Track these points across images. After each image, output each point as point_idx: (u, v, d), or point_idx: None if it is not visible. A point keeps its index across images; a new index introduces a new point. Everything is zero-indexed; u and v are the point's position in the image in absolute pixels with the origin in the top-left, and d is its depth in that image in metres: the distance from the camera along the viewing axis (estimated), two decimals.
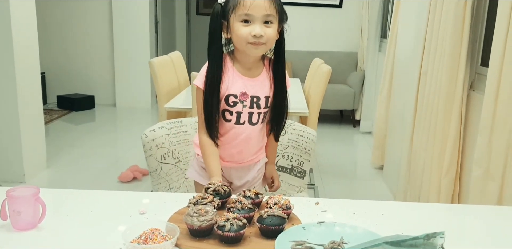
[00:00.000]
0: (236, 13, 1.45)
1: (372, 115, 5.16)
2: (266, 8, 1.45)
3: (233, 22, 1.47)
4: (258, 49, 1.49)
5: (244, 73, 1.57)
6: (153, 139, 1.91)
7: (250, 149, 1.67)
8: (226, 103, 1.56)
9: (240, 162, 1.69)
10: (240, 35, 1.46)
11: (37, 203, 1.21)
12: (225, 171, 1.70)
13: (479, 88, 2.58)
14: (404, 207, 1.53)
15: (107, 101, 6.50)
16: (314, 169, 4.11)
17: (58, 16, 6.23)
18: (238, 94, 1.55)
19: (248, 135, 1.62)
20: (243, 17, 1.45)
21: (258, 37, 1.45)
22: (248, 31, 1.45)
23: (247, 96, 1.56)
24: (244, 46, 1.49)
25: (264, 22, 1.46)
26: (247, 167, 1.72)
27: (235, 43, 1.52)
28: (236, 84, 1.55)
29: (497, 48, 2.01)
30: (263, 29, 1.45)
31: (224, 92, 1.54)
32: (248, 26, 1.45)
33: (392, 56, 3.99)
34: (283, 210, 1.25)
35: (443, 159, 2.65)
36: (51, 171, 3.87)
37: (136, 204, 1.38)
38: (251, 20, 1.45)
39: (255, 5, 1.43)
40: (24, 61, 3.51)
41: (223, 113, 1.58)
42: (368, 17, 5.49)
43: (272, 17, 1.47)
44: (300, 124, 2.08)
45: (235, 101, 1.55)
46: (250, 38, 1.45)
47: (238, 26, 1.46)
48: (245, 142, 1.64)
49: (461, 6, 2.48)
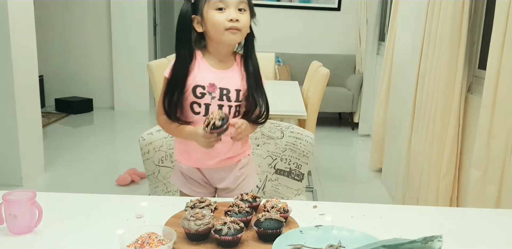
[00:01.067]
0: (209, 2, 1.48)
1: (370, 118, 5.16)
2: None
3: (207, 12, 1.49)
4: (235, 35, 1.50)
5: (214, 65, 1.57)
6: (151, 142, 1.91)
7: (226, 146, 1.61)
8: (194, 94, 1.53)
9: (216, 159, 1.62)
10: (217, 21, 1.48)
11: (33, 207, 1.20)
12: (205, 173, 1.67)
13: (477, 91, 2.59)
14: (402, 210, 1.53)
15: (105, 104, 6.50)
16: (313, 171, 4.11)
17: (56, 19, 6.23)
18: (206, 85, 1.53)
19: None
20: (218, 4, 1.47)
21: (235, 21, 1.47)
22: (224, 17, 1.47)
23: (216, 88, 1.54)
24: (221, 33, 1.49)
25: (238, 10, 1.49)
26: (227, 167, 1.67)
27: (211, 33, 1.51)
28: (204, 76, 1.54)
29: (494, 51, 2.01)
30: (238, 15, 1.48)
31: (190, 83, 1.53)
32: (223, 12, 1.48)
33: (390, 59, 3.99)
34: (280, 213, 1.25)
35: (441, 161, 2.65)
36: (49, 174, 3.86)
37: (133, 208, 1.37)
38: (226, 7, 1.48)
39: None
40: (22, 64, 3.50)
41: (191, 106, 1.55)
42: (366, 20, 5.50)
43: (245, 5, 1.51)
44: (298, 127, 2.08)
45: (203, 92, 1.53)
46: (227, 23, 1.47)
47: (213, 14, 1.48)
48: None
49: (459, 9, 2.49)
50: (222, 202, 1.37)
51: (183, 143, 1.64)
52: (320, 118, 4.03)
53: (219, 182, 1.70)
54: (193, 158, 1.64)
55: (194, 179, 1.69)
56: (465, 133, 2.64)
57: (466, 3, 2.47)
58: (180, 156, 1.69)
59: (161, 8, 7.14)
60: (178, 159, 1.69)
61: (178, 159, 1.69)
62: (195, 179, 1.69)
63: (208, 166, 1.65)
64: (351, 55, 6.12)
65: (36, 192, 1.22)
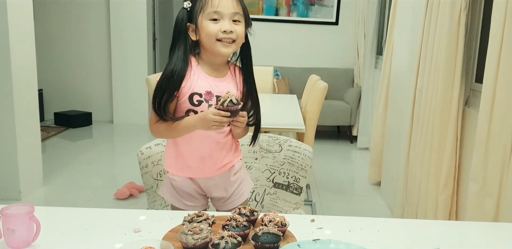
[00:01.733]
0: (204, 12, 1.48)
1: (369, 131, 5.17)
2: (234, 6, 1.49)
3: (201, 21, 1.50)
4: (228, 48, 1.51)
5: (209, 74, 1.57)
6: (149, 156, 1.92)
7: (220, 152, 1.62)
8: (191, 102, 1.53)
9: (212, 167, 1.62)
10: (210, 31, 1.48)
11: (31, 221, 1.20)
12: (200, 182, 1.66)
13: (474, 104, 2.60)
14: (400, 223, 1.53)
15: (104, 118, 6.51)
16: (312, 185, 4.10)
17: (56, 34, 6.27)
18: (203, 93, 1.54)
19: (216, 136, 1.59)
20: (212, 15, 1.48)
21: (228, 32, 1.48)
22: (218, 28, 1.48)
23: (212, 96, 1.54)
24: (213, 43, 1.50)
25: (233, 21, 1.50)
26: (222, 175, 1.67)
27: (204, 43, 1.52)
28: (200, 83, 1.54)
29: (491, 65, 2.03)
30: (232, 26, 1.49)
31: (187, 91, 1.53)
32: (217, 23, 1.49)
33: (387, 72, 4.01)
34: (278, 227, 1.25)
35: (439, 175, 2.65)
36: (48, 188, 3.85)
37: (130, 222, 1.37)
38: (220, 18, 1.48)
39: (223, 3, 1.48)
40: (21, 79, 3.52)
41: (187, 114, 1.54)
42: (364, 34, 5.54)
43: (239, 16, 1.51)
44: (296, 141, 2.08)
45: (200, 100, 1.53)
46: (220, 34, 1.48)
47: (207, 24, 1.49)
48: (215, 144, 1.60)
49: (455, 23, 2.51)
50: (220, 216, 1.37)
51: (176, 153, 1.62)
52: (319, 132, 4.04)
53: (214, 191, 1.68)
54: (188, 168, 1.63)
55: (187, 191, 1.67)
56: (463, 146, 2.65)
57: (462, 17, 2.50)
58: (172, 168, 1.66)
59: (160, 23, 7.18)
60: (170, 171, 1.67)
61: (171, 171, 1.67)
62: (187, 191, 1.67)
63: (204, 175, 1.64)
64: (349, 69, 6.15)
65: (34, 206, 1.22)
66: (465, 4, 2.48)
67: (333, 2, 6.14)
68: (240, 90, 1.60)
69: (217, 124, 1.44)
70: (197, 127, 1.50)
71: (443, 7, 2.58)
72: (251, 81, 1.62)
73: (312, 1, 6.17)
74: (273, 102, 4.13)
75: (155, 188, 1.93)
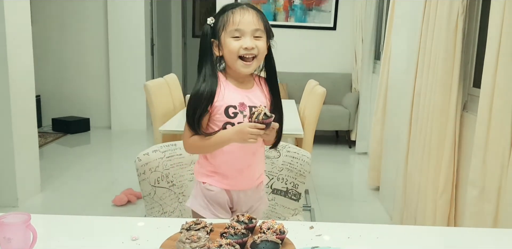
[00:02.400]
0: (226, 29, 1.52)
1: (367, 136, 5.16)
2: (255, 23, 1.53)
3: (224, 38, 1.54)
4: (248, 68, 1.56)
5: (238, 86, 1.61)
6: (147, 163, 1.91)
7: (258, 161, 1.67)
8: (227, 115, 1.57)
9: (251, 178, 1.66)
10: (232, 48, 1.52)
11: (28, 230, 1.19)
12: (235, 195, 1.67)
13: (472, 109, 2.60)
14: (399, 230, 1.52)
15: (102, 124, 6.50)
16: (310, 190, 4.09)
17: (53, 40, 6.27)
18: (237, 105, 1.58)
19: (254, 146, 1.61)
20: (234, 33, 1.52)
21: (250, 49, 1.52)
22: (240, 45, 1.52)
23: (245, 107, 1.58)
24: (234, 61, 1.54)
25: (254, 37, 1.53)
26: (254, 188, 1.70)
27: (227, 60, 1.57)
28: (233, 96, 1.58)
29: (488, 69, 2.03)
30: (254, 42, 1.53)
31: (221, 104, 1.56)
32: (239, 40, 1.52)
33: (385, 77, 4.02)
34: (276, 235, 1.24)
35: (438, 180, 2.65)
36: (45, 195, 3.84)
37: (128, 230, 1.36)
38: (242, 35, 1.52)
39: (244, 20, 1.51)
40: (19, 85, 3.51)
41: (224, 128, 1.57)
42: (362, 39, 5.54)
43: (261, 32, 1.55)
44: (295, 146, 2.08)
45: (235, 112, 1.57)
46: (242, 51, 1.52)
47: (230, 41, 1.53)
48: (252, 154, 1.64)
49: (453, 28, 2.51)
50: (218, 224, 1.36)
51: (214, 166, 1.64)
52: (317, 137, 4.03)
53: (244, 204, 1.70)
54: (226, 180, 1.64)
55: (220, 202, 1.66)
56: (461, 151, 2.64)
57: (460, 22, 2.50)
58: (209, 179, 1.66)
59: (158, 28, 7.19)
60: (207, 182, 1.66)
61: (208, 181, 1.66)
62: (220, 203, 1.66)
63: (241, 186, 1.66)
64: (347, 73, 6.15)
65: (30, 215, 1.21)
66: (462, 9, 2.49)
67: (331, 7, 6.15)
68: (268, 99, 1.65)
69: (254, 137, 1.48)
70: (232, 140, 1.53)
71: (440, 12, 2.59)
72: (277, 91, 1.67)
73: (310, 7, 6.18)
74: None
75: (153, 195, 1.92)
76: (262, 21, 1.55)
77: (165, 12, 7.72)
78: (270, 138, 1.61)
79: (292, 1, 6.17)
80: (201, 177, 1.68)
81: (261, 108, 1.47)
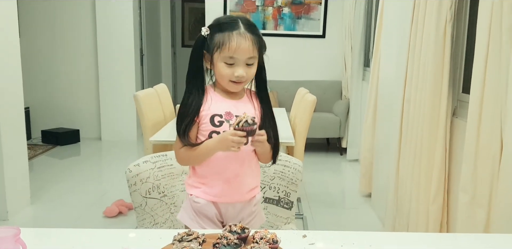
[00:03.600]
0: (221, 53, 1.50)
1: (358, 143, 5.17)
2: (250, 51, 1.51)
3: (217, 60, 1.52)
4: (238, 86, 1.57)
5: (227, 97, 1.61)
6: (138, 174, 1.89)
7: (246, 172, 1.63)
8: (212, 124, 1.56)
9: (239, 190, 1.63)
10: (224, 75, 1.53)
11: (17, 244, 1.18)
12: (223, 208, 1.64)
13: (462, 115, 2.61)
14: (392, 237, 1.52)
15: (92, 135, 6.46)
16: (303, 198, 4.08)
17: (42, 50, 6.24)
18: (222, 113, 1.57)
19: (240, 156, 1.59)
20: (228, 59, 1.50)
21: (240, 77, 1.52)
22: (231, 72, 1.51)
23: (232, 116, 1.57)
24: (225, 83, 1.55)
25: (247, 64, 1.53)
26: (245, 203, 1.66)
27: (217, 77, 1.58)
28: (219, 105, 1.58)
29: (477, 75, 2.04)
30: (245, 70, 1.52)
31: (207, 113, 1.56)
32: (231, 67, 1.51)
33: (375, 84, 4.03)
34: (269, 244, 1.23)
35: (429, 186, 2.65)
36: (35, 207, 3.80)
37: (119, 242, 1.34)
38: (235, 62, 1.51)
39: (241, 49, 1.49)
40: (7, 97, 3.49)
41: (210, 137, 1.56)
42: (351, 47, 5.57)
43: (254, 59, 1.54)
44: (286, 155, 2.07)
45: (221, 120, 1.56)
46: (233, 78, 1.52)
47: (222, 66, 1.52)
48: (240, 164, 1.61)
49: (441, 34, 2.53)
50: (210, 234, 1.34)
51: (201, 176, 1.63)
52: (309, 144, 4.03)
53: (232, 219, 1.66)
54: (213, 192, 1.62)
55: (208, 215, 1.64)
56: (452, 156, 2.65)
57: (448, 28, 2.52)
58: (196, 190, 1.64)
59: (147, 38, 7.19)
60: (194, 194, 1.64)
61: (195, 193, 1.64)
62: (209, 216, 1.64)
63: (227, 199, 1.63)
64: (337, 81, 6.17)
65: (20, 229, 1.20)
66: (450, 16, 2.51)
67: (320, 15, 6.18)
68: (259, 111, 1.63)
69: (235, 145, 1.46)
70: (217, 148, 1.52)
71: (428, 19, 2.61)
72: (268, 104, 1.65)
73: (299, 15, 6.21)
74: None
75: (144, 206, 1.91)
76: (257, 47, 1.53)
77: (154, 21, 7.73)
78: (262, 150, 1.59)
79: (281, 10, 6.20)
80: (189, 188, 1.67)
81: (243, 115, 1.45)
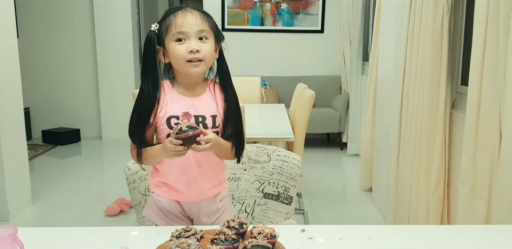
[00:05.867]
0: (169, 33, 1.44)
1: (358, 137, 5.17)
2: (199, 24, 1.44)
3: (168, 43, 1.46)
4: (197, 67, 1.46)
5: (184, 94, 1.53)
6: (136, 171, 1.89)
7: (205, 175, 1.57)
8: (169, 126, 1.48)
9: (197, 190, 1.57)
10: (177, 53, 1.44)
11: (14, 244, 1.17)
12: (186, 206, 1.61)
13: (461, 107, 2.60)
14: (391, 230, 1.51)
15: (93, 134, 6.46)
16: (303, 193, 4.08)
17: (41, 51, 6.23)
18: (179, 115, 1.49)
19: (199, 158, 1.53)
20: (177, 35, 1.44)
21: (195, 52, 1.43)
22: (184, 48, 1.44)
23: (190, 116, 1.49)
24: (183, 65, 1.46)
25: (199, 39, 1.45)
26: (208, 200, 1.62)
27: (174, 65, 1.49)
28: (176, 105, 1.50)
29: (475, 67, 2.03)
30: (199, 45, 1.44)
31: (163, 115, 1.49)
32: (183, 44, 1.44)
33: (374, 78, 4.03)
34: (268, 239, 1.23)
35: (429, 178, 2.65)
36: (36, 208, 3.80)
37: (118, 240, 1.35)
38: (186, 38, 1.44)
39: (187, 22, 1.43)
40: (6, 97, 3.48)
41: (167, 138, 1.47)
42: (350, 41, 5.56)
43: (206, 33, 1.46)
44: (285, 150, 2.07)
45: (178, 122, 1.46)
46: (187, 55, 1.44)
47: (174, 46, 1.45)
48: (197, 166, 1.54)
49: (438, 26, 2.52)
50: (208, 230, 1.34)
51: (162, 176, 1.58)
52: (309, 140, 4.03)
53: (198, 215, 1.63)
54: (174, 191, 1.58)
55: (173, 212, 1.62)
56: (451, 149, 2.64)
57: (445, 20, 2.51)
58: (158, 189, 1.61)
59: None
60: (155, 192, 1.62)
61: (156, 191, 1.62)
62: (173, 212, 1.62)
63: (189, 199, 1.59)
64: (336, 76, 6.16)
65: (17, 228, 1.20)
66: (447, 8, 2.50)
67: (318, 10, 6.17)
68: (222, 106, 1.54)
69: (175, 153, 1.40)
70: (162, 155, 1.46)
71: (426, 11, 2.60)
72: (232, 98, 1.56)
73: (297, 10, 6.20)
74: (262, 112, 4.12)
75: (144, 203, 1.90)
76: (207, 22, 1.47)
77: (152, 20, 7.71)
78: (215, 152, 1.52)
79: (279, 5, 6.18)
80: (152, 186, 1.63)
81: (181, 122, 1.37)
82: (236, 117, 1.55)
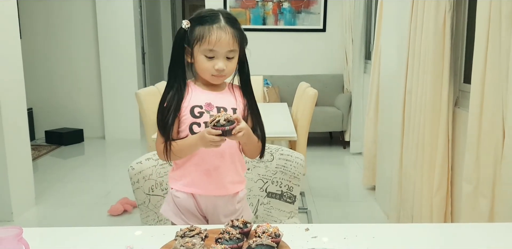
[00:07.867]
0: (201, 46, 1.49)
1: (361, 136, 5.16)
2: (230, 44, 1.49)
3: (197, 53, 1.51)
4: (220, 79, 1.56)
5: (207, 89, 1.60)
6: (140, 171, 1.90)
7: (227, 165, 1.60)
8: (192, 115, 1.55)
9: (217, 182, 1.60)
10: (204, 67, 1.52)
11: (20, 244, 1.18)
12: (202, 202, 1.63)
13: (464, 105, 2.60)
14: (395, 229, 1.52)
15: (96, 134, 6.47)
16: (307, 192, 4.08)
17: (44, 51, 6.24)
18: (203, 105, 1.56)
19: (222, 148, 1.54)
20: (208, 52, 1.50)
21: (221, 71, 1.51)
22: (212, 65, 1.51)
23: (213, 107, 1.56)
24: (207, 76, 1.55)
25: (227, 57, 1.52)
26: (226, 199, 1.64)
27: (199, 71, 1.56)
28: (199, 97, 1.57)
29: (477, 65, 2.03)
30: (225, 64, 1.51)
31: (187, 105, 1.55)
32: (211, 60, 1.51)
33: (376, 77, 4.02)
34: (272, 238, 1.23)
35: (433, 177, 2.65)
36: (40, 208, 3.81)
37: (122, 239, 1.35)
38: (215, 56, 1.50)
39: (220, 43, 1.48)
40: (9, 98, 3.49)
41: (191, 128, 1.55)
42: (352, 40, 5.56)
43: (234, 53, 1.53)
44: (288, 149, 2.07)
45: (201, 111, 1.55)
46: (213, 71, 1.52)
47: (203, 60, 1.51)
48: (220, 155, 1.58)
49: (441, 25, 2.52)
50: (213, 229, 1.35)
51: (182, 167, 1.62)
52: (311, 138, 4.03)
53: (213, 214, 1.64)
54: (192, 183, 1.60)
55: (189, 209, 1.63)
56: (454, 147, 2.64)
57: (448, 18, 2.51)
58: (176, 183, 1.64)
59: (149, 36, 7.19)
60: (174, 187, 1.64)
61: (174, 186, 1.64)
62: (190, 209, 1.63)
63: (207, 191, 1.61)
64: (338, 74, 6.16)
65: (22, 229, 1.20)
66: (449, 6, 2.50)
67: (320, 9, 6.17)
68: (242, 103, 1.62)
69: (213, 143, 1.45)
70: (198, 145, 1.51)
71: (428, 9, 2.60)
72: (252, 99, 1.64)
73: (299, 9, 6.19)
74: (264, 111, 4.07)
75: (148, 203, 1.91)
76: (237, 40, 1.51)
77: (154, 20, 7.72)
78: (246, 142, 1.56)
79: (281, 5, 6.18)
80: (171, 181, 1.67)
81: (219, 114, 1.43)
82: (256, 115, 1.63)
